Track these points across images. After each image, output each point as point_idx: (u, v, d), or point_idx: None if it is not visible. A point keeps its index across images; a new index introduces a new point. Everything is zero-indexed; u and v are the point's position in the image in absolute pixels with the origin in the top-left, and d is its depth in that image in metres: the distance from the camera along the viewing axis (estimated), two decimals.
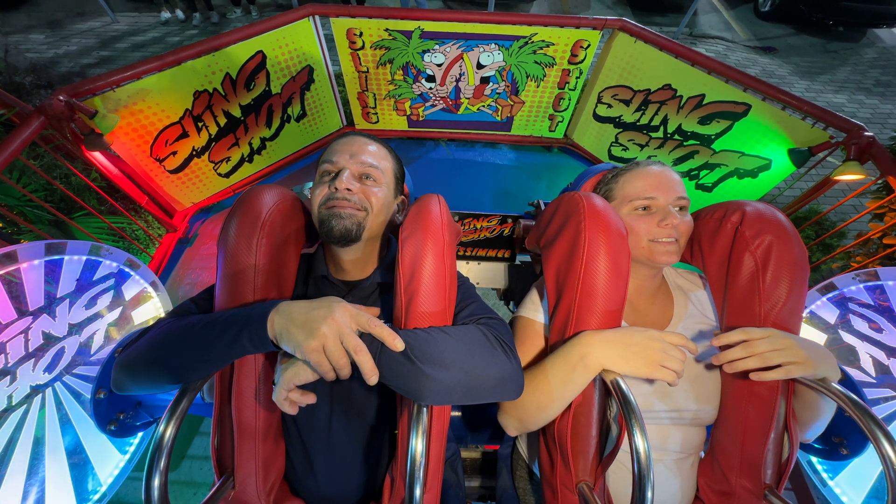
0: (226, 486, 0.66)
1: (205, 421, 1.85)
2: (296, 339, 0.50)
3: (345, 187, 0.67)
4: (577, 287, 0.65)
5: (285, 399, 0.54)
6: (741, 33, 5.25)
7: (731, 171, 2.35)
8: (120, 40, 4.41)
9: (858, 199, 3.04)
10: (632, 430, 0.53)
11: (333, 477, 0.71)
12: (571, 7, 5.32)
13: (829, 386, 0.59)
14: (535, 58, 2.45)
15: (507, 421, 0.72)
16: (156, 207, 2.30)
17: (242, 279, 0.63)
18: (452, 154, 3.04)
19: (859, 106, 4.30)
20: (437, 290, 0.62)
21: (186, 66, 1.96)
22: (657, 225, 0.71)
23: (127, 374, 0.61)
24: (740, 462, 0.68)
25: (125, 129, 1.96)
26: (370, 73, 2.54)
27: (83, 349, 1.07)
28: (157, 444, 0.53)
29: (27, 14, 4.73)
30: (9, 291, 0.98)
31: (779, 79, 4.56)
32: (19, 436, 0.92)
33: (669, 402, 0.72)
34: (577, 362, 0.62)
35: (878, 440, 0.53)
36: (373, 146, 0.74)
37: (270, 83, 2.30)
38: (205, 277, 2.27)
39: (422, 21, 2.27)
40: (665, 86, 2.32)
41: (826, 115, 1.90)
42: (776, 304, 0.65)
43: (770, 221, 0.68)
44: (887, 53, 5.12)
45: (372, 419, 0.71)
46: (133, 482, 1.00)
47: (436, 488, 0.67)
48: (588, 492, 0.63)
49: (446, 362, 0.55)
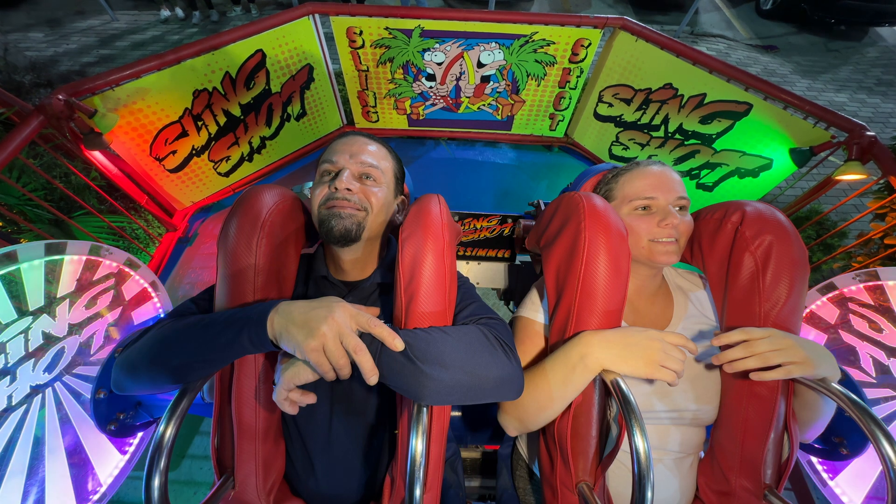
0: (226, 486, 0.66)
1: (205, 421, 1.85)
2: (296, 339, 0.50)
3: (345, 187, 0.67)
4: (577, 287, 0.65)
5: (285, 399, 0.54)
6: (742, 32, 5.23)
7: (732, 170, 2.35)
8: (119, 39, 4.40)
9: (860, 199, 3.04)
10: (632, 430, 0.53)
11: (333, 477, 0.71)
12: (572, 5, 5.31)
13: (829, 386, 0.59)
14: (535, 56, 2.45)
15: (507, 421, 0.72)
16: (155, 207, 2.29)
17: (242, 279, 0.63)
18: (453, 153, 3.04)
19: (861, 105, 4.29)
20: (437, 290, 0.62)
21: (186, 64, 1.96)
22: (657, 225, 0.71)
23: (127, 374, 0.61)
24: (740, 462, 0.68)
25: (125, 128, 1.95)
26: (370, 71, 2.53)
27: (83, 349, 1.06)
28: (157, 444, 0.53)
29: (26, 12, 4.72)
30: (9, 291, 0.98)
31: (780, 78, 4.55)
32: (19, 436, 0.91)
33: (669, 402, 0.72)
34: (576, 362, 0.62)
35: (878, 440, 0.53)
36: (373, 146, 0.74)
37: (270, 82, 2.29)
38: (205, 277, 2.27)
39: (422, 20, 2.26)
40: (666, 85, 2.32)
41: (827, 114, 1.89)
42: (776, 304, 0.65)
43: (770, 221, 0.68)
44: (889, 52, 5.11)
45: (372, 419, 0.71)
46: (133, 482, 1.00)
47: (436, 488, 0.67)
48: (588, 492, 0.63)
49: (446, 362, 0.55)
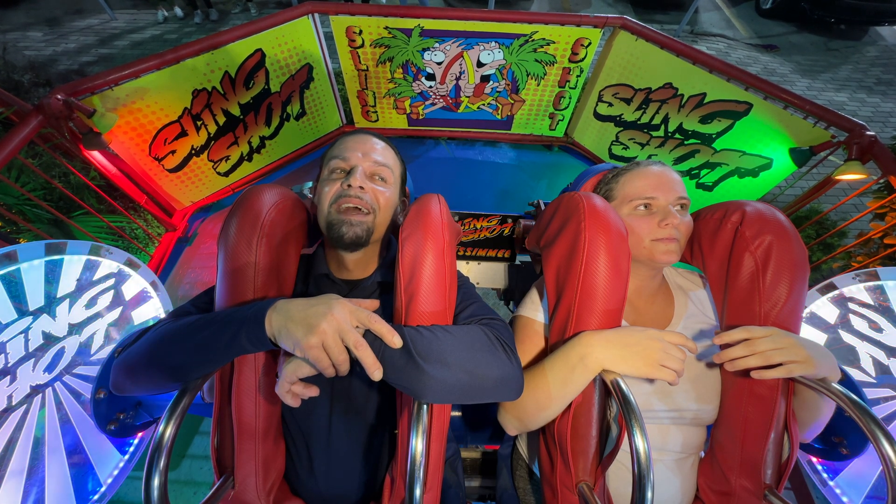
0: (226, 486, 0.66)
1: (205, 421, 1.85)
2: (295, 336, 0.50)
3: (359, 185, 0.67)
4: (577, 287, 0.65)
5: (287, 392, 0.54)
6: (742, 31, 5.23)
7: (731, 170, 2.35)
8: (118, 38, 4.40)
9: (859, 199, 3.04)
10: (632, 430, 0.53)
11: (333, 476, 0.71)
12: (572, 5, 5.30)
13: (829, 386, 0.59)
14: (535, 56, 2.44)
15: (506, 420, 0.72)
16: (155, 206, 2.29)
17: (242, 278, 0.63)
18: (452, 153, 3.04)
19: (860, 105, 4.29)
20: (437, 290, 0.62)
21: (185, 64, 1.95)
22: (658, 225, 0.71)
23: (126, 375, 0.61)
24: (740, 462, 0.68)
25: (124, 127, 1.95)
26: (370, 71, 2.53)
27: (83, 349, 1.06)
28: (157, 444, 0.52)
29: (25, 11, 4.71)
30: (9, 291, 0.98)
31: (780, 77, 4.55)
32: (19, 436, 0.91)
33: (669, 402, 0.72)
34: (576, 362, 0.62)
35: (878, 440, 0.53)
36: (381, 145, 0.75)
37: (270, 81, 2.29)
38: (204, 276, 2.27)
39: (421, 19, 2.26)
40: (666, 84, 2.32)
41: (827, 114, 1.89)
42: (776, 304, 0.65)
43: (770, 221, 0.68)
44: (889, 52, 5.11)
45: (372, 419, 0.71)
46: (133, 482, 1.00)
47: (436, 488, 0.67)
48: (588, 492, 0.63)
49: (448, 361, 0.55)
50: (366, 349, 0.51)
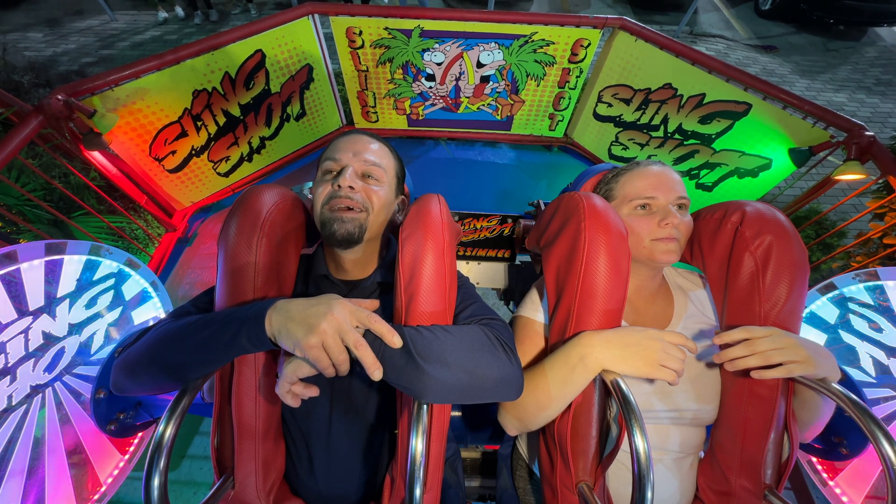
0: (226, 486, 0.66)
1: (205, 421, 1.85)
2: (294, 336, 0.50)
3: (348, 185, 0.67)
4: (577, 287, 0.65)
5: (287, 392, 0.54)
6: (741, 32, 5.24)
7: (731, 170, 2.35)
8: (118, 39, 4.40)
9: (859, 199, 3.04)
10: (632, 430, 0.53)
11: (333, 476, 0.71)
12: (571, 6, 5.31)
13: (829, 386, 0.59)
14: (535, 57, 2.45)
15: (506, 420, 0.72)
16: (155, 207, 2.29)
17: (242, 278, 0.63)
18: (452, 153, 3.04)
19: (860, 105, 4.29)
20: (437, 290, 0.62)
21: (185, 64, 1.96)
22: (657, 225, 0.71)
23: (126, 375, 0.61)
24: (740, 462, 0.68)
25: (124, 128, 1.95)
26: (370, 71, 2.53)
27: (83, 349, 1.06)
28: (157, 444, 0.52)
29: (25, 12, 4.71)
30: (9, 291, 0.98)
31: (779, 77, 4.55)
32: (19, 436, 0.91)
33: (669, 402, 0.72)
34: (576, 362, 0.62)
35: (878, 440, 0.53)
36: (375, 145, 0.74)
37: (270, 82, 2.29)
38: (204, 277, 2.27)
39: (421, 20, 2.26)
40: (665, 85, 2.32)
41: (827, 114, 1.89)
42: (776, 304, 0.65)
43: (770, 221, 0.68)
44: (888, 52, 5.12)
45: (372, 418, 0.71)
46: (133, 482, 1.00)
47: (436, 488, 0.67)
48: (588, 492, 0.63)
49: (448, 361, 0.55)
50: (366, 349, 0.51)
